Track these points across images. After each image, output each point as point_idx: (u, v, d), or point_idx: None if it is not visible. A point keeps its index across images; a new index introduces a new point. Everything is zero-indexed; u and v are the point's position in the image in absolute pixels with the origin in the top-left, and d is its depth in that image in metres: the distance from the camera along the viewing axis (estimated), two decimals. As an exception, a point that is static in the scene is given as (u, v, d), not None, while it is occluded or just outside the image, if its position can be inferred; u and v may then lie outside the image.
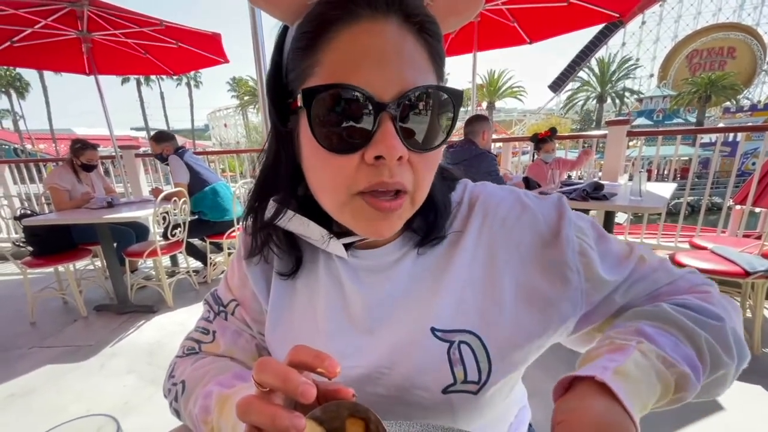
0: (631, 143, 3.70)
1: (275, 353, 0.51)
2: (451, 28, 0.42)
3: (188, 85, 42.47)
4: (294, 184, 0.44)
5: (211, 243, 3.18)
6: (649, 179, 2.78)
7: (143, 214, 2.65)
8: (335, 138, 0.35)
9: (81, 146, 2.94)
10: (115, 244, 2.74)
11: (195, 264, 3.40)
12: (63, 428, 0.31)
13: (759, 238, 2.34)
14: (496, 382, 0.42)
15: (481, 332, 0.43)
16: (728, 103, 31.49)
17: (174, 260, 3.43)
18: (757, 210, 3.68)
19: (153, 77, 40.06)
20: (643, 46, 43.95)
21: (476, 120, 2.55)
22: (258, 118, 41.26)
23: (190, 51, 3.64)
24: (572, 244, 0.44)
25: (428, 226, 0.45)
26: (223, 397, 0.43)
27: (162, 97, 43.64)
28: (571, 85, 42.19)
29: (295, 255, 0.50)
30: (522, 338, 0.43)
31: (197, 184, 2.99)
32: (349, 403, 0.32)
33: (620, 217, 6.28)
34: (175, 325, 2.56)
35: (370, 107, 0.34)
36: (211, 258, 3.20)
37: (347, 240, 0.45)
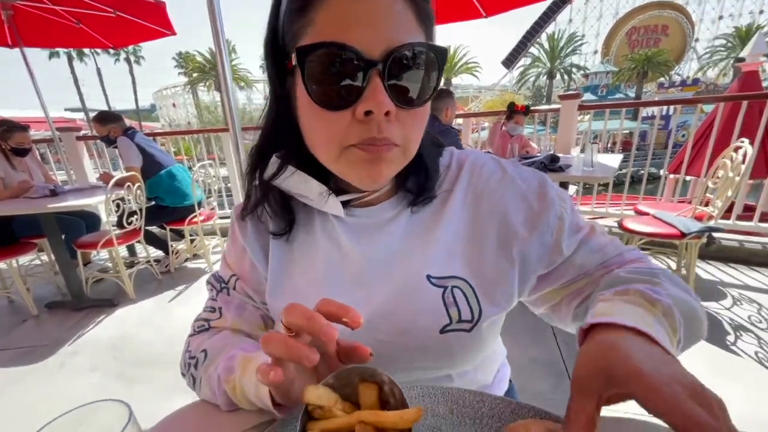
0: (579, 117, 3.92)
1: (278, 312, 0.52)
2: None
3: (128, 60, 38.36)
4: (293, 142, 0.46)
5: (171, 230, 3.03)
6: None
7: (93, 202, 2.47)
8: (327, 94, 0.37)
9: (7, 128, 2.62)
10: (63, 236, 2.53)
11: (156, 253, 3.23)
12: (74, 414, 0.31)
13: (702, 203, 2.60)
14: (486, 320, 0.47)
15: (469, 278, 0.48)
16: (662, 78, 33.87)
17: (132, 250, 3.24)
18: (688, 178, 4.10)
19: (87, 51, 35.77)
20: (588, 23, 45.79)
21: (439, 96, 2.58)
22: (209, 96, 38.43)
23: (131, 21, 3.31)
24: (555, 208, 0.49)
25: (420, 186, 0.49)
26: (246, 358, 0.46)
27: (99, 74, 39.14)
28: (523, 61, 43.28)
29: (287, 218, 0.52)
30: (503, 280, 0.49)
31: (151, 167, 2.80)
32: (360, 368, 0.34)
33: (571, 188, 6.69)
34: (139, 318, 2.45)
35: (360, 64, 0.36)
36: (172, 246, 3.06)
37: (345, 197, 0.48)
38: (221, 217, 3.93)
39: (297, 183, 0.48)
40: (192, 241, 3.23)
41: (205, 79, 35.23)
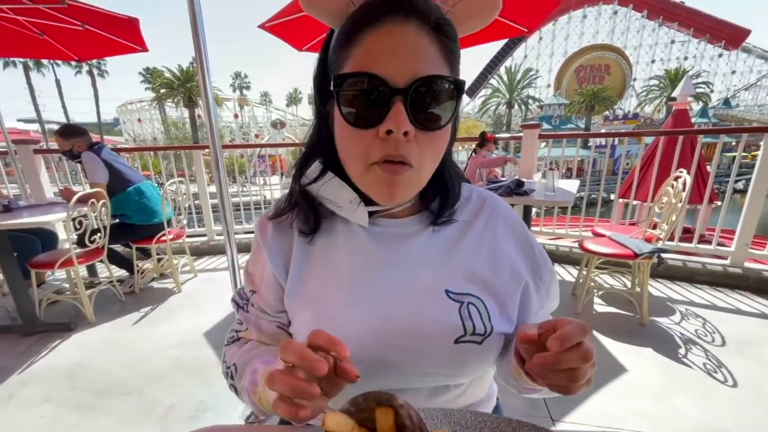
0: (540, 145, 4.24)
1: (296, 314, 0.56)
2: (471, 30, 0.51)
3: (90, 73, 36.61)
4: (330, 155, 0.53)
5: (137, 249, 2.89)
6: (555, 177, 3.23)
7: (52, 219, 2.31)
8: (358, 116, 0.44)
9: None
10: (15, 254, 2.34)
11: (119, 272, 3.05)
12: None
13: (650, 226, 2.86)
14: (495, 336, 0.53)
15: (483, 298, 0.54)
16: (607, 112, 37.01)
17: (92, 270, 3.03)
18: (635, 202, 4.49)
19: (46, 62, 33.81)
20: (541, 59, 49.54)
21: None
22: (177, 112, 37.07)
23: (100, 35, 3.21)
24: (546, 275, 0.61)
25: (441, 205, 0.57)
26: (267, 372, 0.48)
27: (58, 86, 36.92)
28: (484, 91, 45.79)
29: (315, 219, 0.57)
30: (510, 305, 0.56)
31: (118, 183, 2.68)
32: (376, 393, 0.35)
33: (532, 211, 7.07)
34: (99, 342, 2.28)
35: (386, 90, 0.42)
36: (138, 265, 2.91)
37: (372, 208, 0.54)
38: (190, 236, 3.80)
39: (332, 189, 0.54)
40: (159, 260, 3.09)
41: (174, 95, 34.08)
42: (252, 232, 4.13)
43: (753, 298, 2.59)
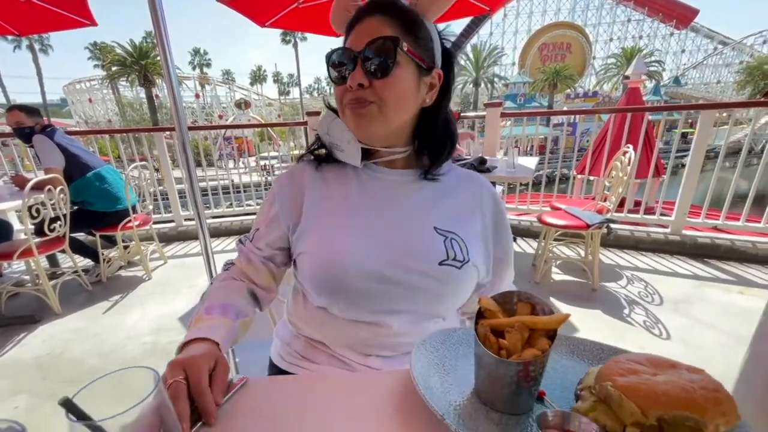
0: (503, 123, 4.37)
1: (307, 234, 0.69)
2: (435, 16, 0.66)
3: (31, 49, 33.21)
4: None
5: (101, 237, 2.80)
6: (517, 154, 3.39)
7: (4, 208, 2.22)
8: (335, 76, 0.65)
9: None
10: (-33, 247, 2.23)
11: (83, 262, 2.96)
12: (106, 379, 0.35)
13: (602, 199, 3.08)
14: (470, 266, 0.67)
15: (463, 237, 0.68)
16: (569, 90, 38.12)
17: (53, 260, 2.91)
18: (592, 178, 4.78)
19: None
20: (506, 37, 49.90)
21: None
22: (132, 92, 34.31)
23: (44, 8, 2.97)
24: (507, 236, 0.77)
25: (431, 158, 0.71)
26: (198, 317, 0.63)
27: None
28: (450, 69, 45.43)
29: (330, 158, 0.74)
30: (479, 251, 0.70)
31: (76, 168, 2.57)
32: (518, 292, 0.51)
33: (497, 188, 7.34)
34: (68, 333, 2.25)
35: (350, 56, 0.61)
36: (103, 254, 2.82)
37: (364, 145, 0.68)
38: (157, 222, 3.69)
39: (336, 130, 0.68)
40: (126, 247, 3.01)
41: (127, 74, 31.48)
42: (220, 217, 4.05)
43: (688, 262, 2.89)
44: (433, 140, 0.70)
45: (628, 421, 0.38)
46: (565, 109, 21.55)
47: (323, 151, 0.75)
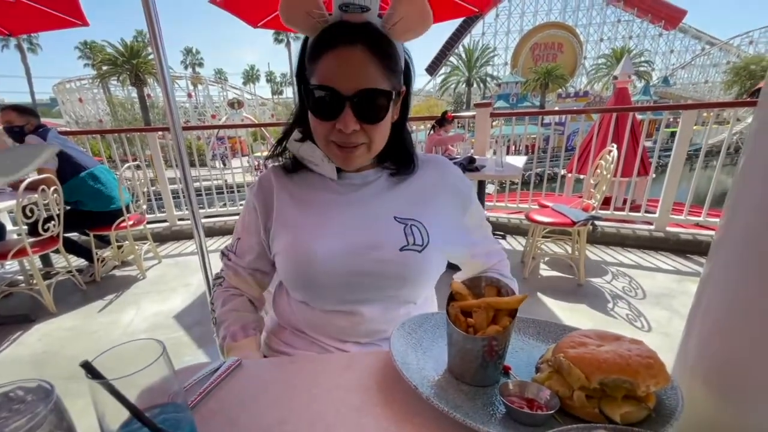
0: (494, 123, 4.45)
1: (280, 237, 0.73)
2: (410, 39, 0.67)
3: (19, 48, 32.67)
4: (306, 127, 0.71)
5: (95, 236, 2.82)
6: (508, 153, 3.46)
7: (-1, 208, 2.23)
8: (320, 111, 0.64)
9: None
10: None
11: (77, 262, 2.97)
12: (116, 350, 0.38)
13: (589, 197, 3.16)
14: (431, 248, 0.70)
15: (424, 222, 0.71)
16: (560, 90, 38.47)
17: (46, 260, 2.92)
18: (582, 176, 4.88)
19: None
20: (498, 37, 50.19)
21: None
22: (123, 92, 33.85)
23: (35, 8, 2.98)
24: (474, 204, 0.80)
25: (399, 166, 0.75)
26: (229, 346, 0.73)
27: None
28: (444, 69, 45.92)
29: (293, 164, 0.77)
30: (443, 234, 0.73)
31: (69, 169, 2.58)
32: (486, 277, 0.58)
33: (489, 188, 7.43)
34: (63, 331, 2.27)
35: (339, 98, 0.60)
36: (97, 253, 2.84)
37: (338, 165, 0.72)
38: (151, 222, 3.70)
39: (308, 150, 0.73)
40: (120, 247, 3.02)
41: (118, 73, 31.14)
42: (213, 216, 4.07)
43: (671, 257, 2.99)
44: (400, 147, 0.74)
45: (576, 385, 0.44)
46: (556, 108, 21.79)
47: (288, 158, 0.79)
